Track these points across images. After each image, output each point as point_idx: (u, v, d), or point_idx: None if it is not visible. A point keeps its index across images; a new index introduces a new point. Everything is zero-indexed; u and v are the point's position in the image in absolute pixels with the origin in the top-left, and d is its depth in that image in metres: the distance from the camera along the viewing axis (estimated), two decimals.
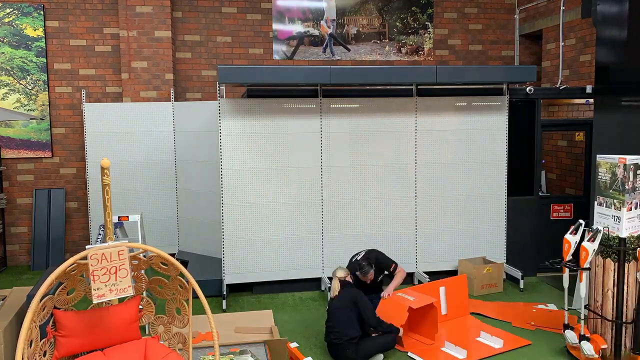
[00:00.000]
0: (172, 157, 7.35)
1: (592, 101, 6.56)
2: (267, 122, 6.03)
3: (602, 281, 4.37)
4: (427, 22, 8.57)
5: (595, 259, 4.42)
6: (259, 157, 6.05)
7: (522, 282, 6.23)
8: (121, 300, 3.62)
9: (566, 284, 4.59)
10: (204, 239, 7.15)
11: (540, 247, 6.72)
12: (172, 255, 6.98)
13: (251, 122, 5.99)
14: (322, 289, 6.25)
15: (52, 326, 3.39)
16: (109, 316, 3.46)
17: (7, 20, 7.41)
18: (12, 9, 7.42)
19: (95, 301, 3.20)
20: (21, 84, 7.50)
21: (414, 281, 6.42)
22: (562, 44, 7.26)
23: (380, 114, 6.25)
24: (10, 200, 7.57)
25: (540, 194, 6.77)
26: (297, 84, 5.97)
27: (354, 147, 6.24)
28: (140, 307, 3.67)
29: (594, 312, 4.46)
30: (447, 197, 6.44)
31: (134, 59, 7.47)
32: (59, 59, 7.59)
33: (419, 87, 6.34)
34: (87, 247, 3.28)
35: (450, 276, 6.50)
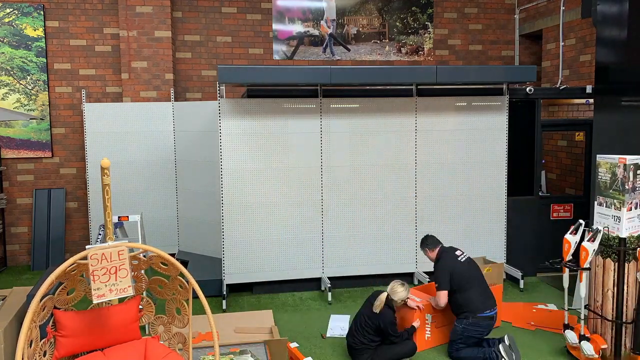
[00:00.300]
0: (172, 157, 7.35)
1: (592, 101, 6.56)
2: (267, 122, 6.03)
3: (602, 281, 4.37)
4: (427, 22, 8.57)
5: (595, 259, 4.42)
6: (259, 157, 6.04)
7: (522, 282, 6.23)
8: (121, 300, 3.62)
9: (566, 284, 4.59)
10: (204, 239, 7.14)
11: (540, 247, 6.72)
12: (172, 255, 6.97)
13: (251, 122, 5.99)
14: (322, 289, 6.26)
15: (52, 326, 3.39)
16: (109, 316, 3.46)
17: (7, 20, 7.41)
18: (12, 9, 7.42)
19: (95, 301, 3.20)
20: (21, 84, 7.50)
21: (414, 281, 6.42)
22: (562, 44, 7.26)
23: (380, 114, 6.25)
24: (10, 200, 7.57)
25: (540, 194, 6.77)
26: (297, 84, 5.97)
27: (354, 147, 6.24)
28: (140, 307, 3.67)
29: (594, 312, 4.46)
30: (447, 197, 6.44)
31: (134, 59, 7.47)
32: (59, 59, 7.59)
33: (419, 87, 6.34)
34: (87, 247, 3.28)
35: None
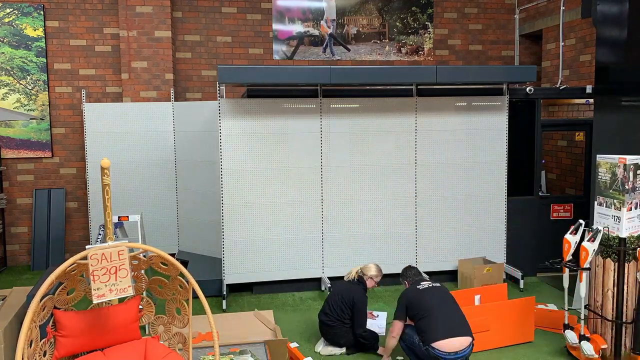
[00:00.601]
0: (172, 157, 7.35)
1: (592, 101, 6.56)
2: (267, 122, 6.03)
3: (602, 281, 4.37)
4: (427, 22, 8.57)
5: (595, 259, 4.42)
6: (259, 157, 6.04)
7: (522, 282, 6.23)
8: (121, 300, 3.62)
9: (566, 284, 4.59)
10: (204, 239, 7.14)
11: (540, 247, 6.72)
12: (172, 255, 6.97)
13: (251, 122, 5.99)
14: (322, 289, 6.25)
15: (52, 326, 3.39)
16: (109, 316, 3.46)
17: (7, 20, 7.41)
18: (12, 9, 7.42)
19: (95, 301, 3.19)
20: (21, 84, 7.50)
21: None
22: (562, 44, 7.26)
23: (380, 114, 6.25)
24: (10, 200, 7.57)
25: (540, 194, 6.76)
26: (297, 84, 5.97)
27: (354, 147, 6.23)
28: (140, 307, 3.67)
29: (594, 312, 4.46)
30: (447, 197, 6.44)
31: (134, 59, 7.47)
32: (59, 59, 7.59)
33: (419, 87, 6.34)
34: (87, 247, 3.28)
35: (450, 276, 6.53)
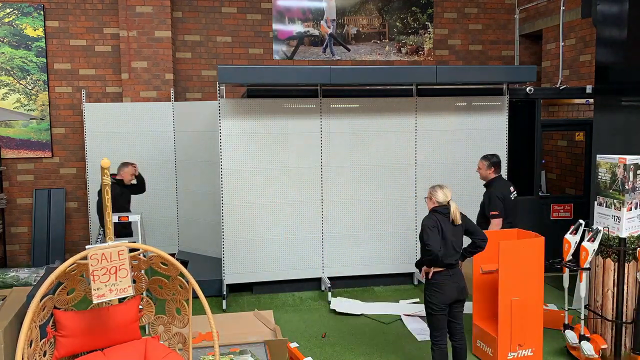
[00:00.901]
0: (172, 157, 7.35)
1: (592, 101, 6.56)
2: (267, 122, 6.03)
3: (602, 281, 4.37)
4: (427, 22, 8.57)
5: (595, 259, 4.42)
6: (259, 157, 6.04)
7: None
8: (121, 300, 3.62)
9: (566, 284, 4.59)
10: (204, 239, 7.14)
11: None
12: (172, 255, 6.97)
13: (251, 122, 5.99)
14: (322, 289, 6.25)
15: (52, 326, 3.39)
16: (109, 316, 3.46)
17: (7, 20, 7.41)
18: (12, 9, 7.42)
19: (95, 301, 3.19)
20: (21, 84, 7.50)
21: (414, 281, 6.42)
22: (562, 44, 7.26)
23: (380, 114, 6.25)
24: (10, 200, 7.57)
25: (540, 194, 6.76)
26: (297, 84, 5.97)
27: (353, 147, 6.23)
28: (140, 307, 3.67)
29: (594, 312, 4.46)
30: None
31: (134, 59, 7.47)
32: (59, 59, 7.59)
33: (419, 87, 6.34)
34: (87, 247, 3.28)
35: None
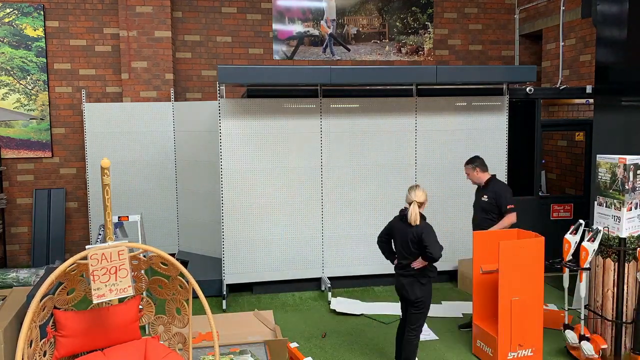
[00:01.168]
0: (172, 157, 7.35)
1: (592, 101, 6.55)
2: (267, 122, 6.03)
3: (602, 281, 4.37)
4: (427, 22, 8.57)
5: (595, 259, 4.42)
6: (258, 157, 6.04)
7: None
8: (121, 300, 3.62)
9: (566, 284, 4.59)
10: (204, 239, 7.14)
11: None
12: (172, 255, 6.97)
13: (251, 122, 5.99)
14: (322, 289, 6.25)
15: (52, 326, 3.39)
16: (109, 316, 3.46)
17: (7, 20, 7.41)
18: (12, 9, 7.42)
19: (95, 301, 3.19)
20: (21, 84, 7.50)
21: None
22: (562, 44, 7.25)
23: (380, 114, 6.25)
24: (10, 200, 7.57)
25: (540, 194, 6.76)
26: (297, 84, 5.97)
27: (354, 147, 6.23)
28: (140, 307, 3.67)
29: (594, 312, 4.46)
30: (447, 197, 6.43)
31: (134, 59, 7.47)
32: (59, 59, 7.59)
33: (419, 87, 6.34)
34: (87, 247, 3.28)
35: (450, 276, 6.53)
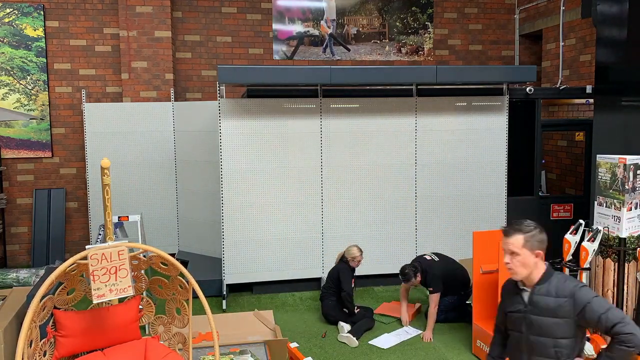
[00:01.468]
0: (172, 157, 7.35)
1: (592, 101, 6.56)
2: (267, 122, 6.03)
3: (602, 281, 4.37)
4: (427, 22, 8.57)
5: (595, 259, 4.42)
6: (258, 157, 6.04)
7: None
8: (121, 300, 3.62)
9: None
10: (204, 239, 7.14)
11: None
12: (172, 255, 6.98)
13: (251, 122, 5.99)
14: None
15: (52, 326, 3.39)
16: (109, 316, 3.46)
17: (7, 20, 7.41)
18: (12, 9, 7.42)
19: (95, 301, 3.20)
20: (21, 84, 7.50)
21: None
22: (562, 44, 7.26)
23: (380, 114, 6.25)
24: (10, 200, 7.57)
25: (540, 194, 6.76)
26: (297, 84, 5.97)
27: (353, 147, 6.24)
28: (140, 307, 3.67)
29: None
30: (447, 197, 6.44)
31: (134, 59, 7.47)
32: (59, 59, 7.59)
33: (419, 87, 6.34)
34: (87, 247, 3.28)
35: None
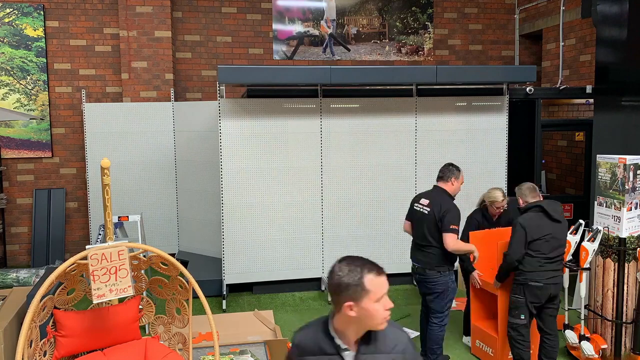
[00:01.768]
0: (172, 157, 7.35)
1: (592, 101, 6.56)
2: (267, 122, 6.03)
3: (602, 281, 4.37)
4: (427, 22, 8.57)
5: (595, 259, 4.43)
6: (259, 157, 6.04)
7: None
8: (121, 300, 3.62)
9: (566, 284, 4.59)
10: (204, 239, 7.14)
11: None
12: (172, 255, 6.97)
13: (251, 122, 5.99)
14: (322, 289, 6.25)
15: (52, 326, 3.39)
16: (109, 316, 3.46)
17: (7, 20, 7.41)
18: (12, 9, 7.42)
19: (95, 301, 3.20)
20: (21, 84, 7.50)
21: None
22: (562, 44, 7.26)
23: (380, 114, 6.25)
24: (10, 200, 7.57)
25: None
26: (297, 84, 5.97)
27: (354, 147, 6.23)
28: (140, 307, 3.67)
29: (594, 312, 4.46)
30: None
31: (134, 59, 7.47)
32: (59, 59, 7.59)
33: (419, 87, 6.34)
34: (87, 247, 3.28)
35: None
